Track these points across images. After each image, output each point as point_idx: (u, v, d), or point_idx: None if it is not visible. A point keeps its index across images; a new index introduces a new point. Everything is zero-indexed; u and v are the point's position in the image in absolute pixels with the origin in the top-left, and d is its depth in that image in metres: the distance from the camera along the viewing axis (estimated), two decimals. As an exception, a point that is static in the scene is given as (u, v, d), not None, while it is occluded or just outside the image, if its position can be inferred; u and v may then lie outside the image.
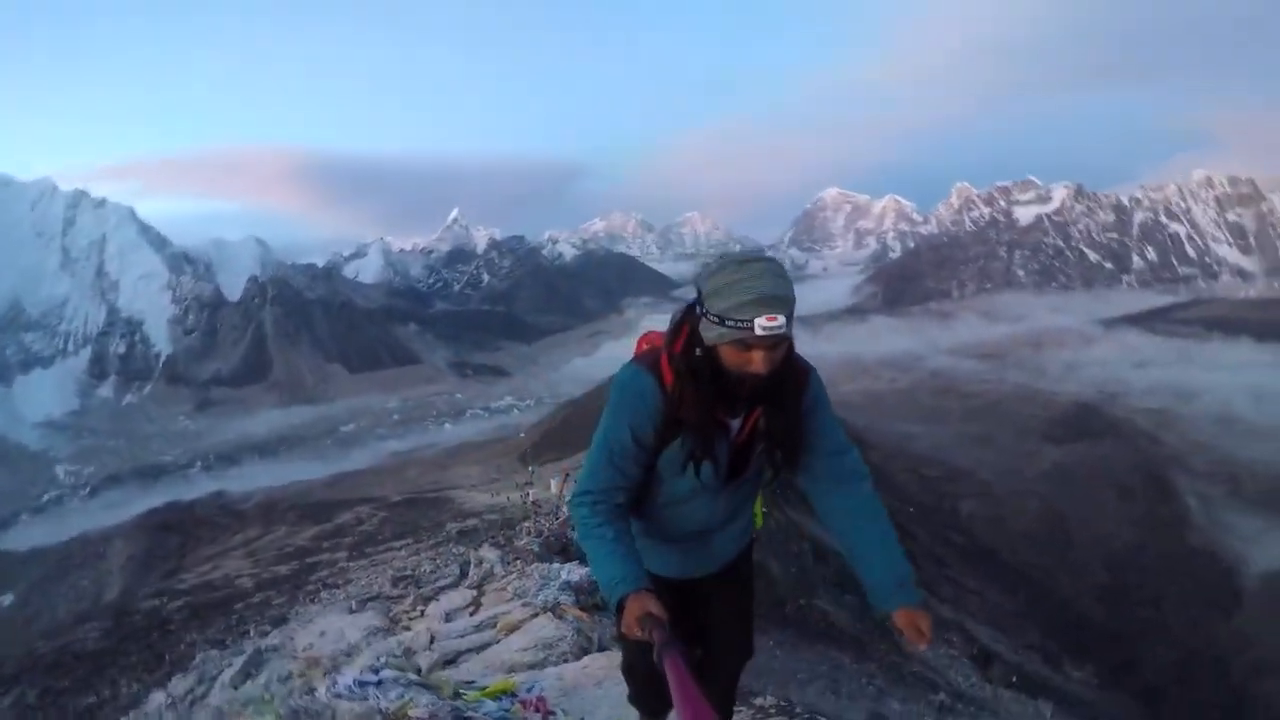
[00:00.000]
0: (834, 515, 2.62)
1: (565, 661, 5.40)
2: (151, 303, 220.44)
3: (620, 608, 2.25)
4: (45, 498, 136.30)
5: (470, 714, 3.98)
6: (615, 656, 5.18)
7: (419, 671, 4.77)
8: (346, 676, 4.30)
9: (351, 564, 30.54)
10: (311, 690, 4.46)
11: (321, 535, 42.35)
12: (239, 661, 9.92)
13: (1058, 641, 36.17)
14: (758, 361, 2.20)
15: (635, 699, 3.14)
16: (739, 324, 2.13)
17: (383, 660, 5.22)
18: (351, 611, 11.25)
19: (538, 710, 4.02)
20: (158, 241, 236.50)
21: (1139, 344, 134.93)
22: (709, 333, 2.23)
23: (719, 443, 2.43)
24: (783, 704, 5.25)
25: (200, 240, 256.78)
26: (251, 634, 15.14)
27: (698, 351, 2.30)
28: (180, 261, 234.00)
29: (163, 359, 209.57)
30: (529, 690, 4.27)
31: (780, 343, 2.20)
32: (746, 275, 2.15)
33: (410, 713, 3.73)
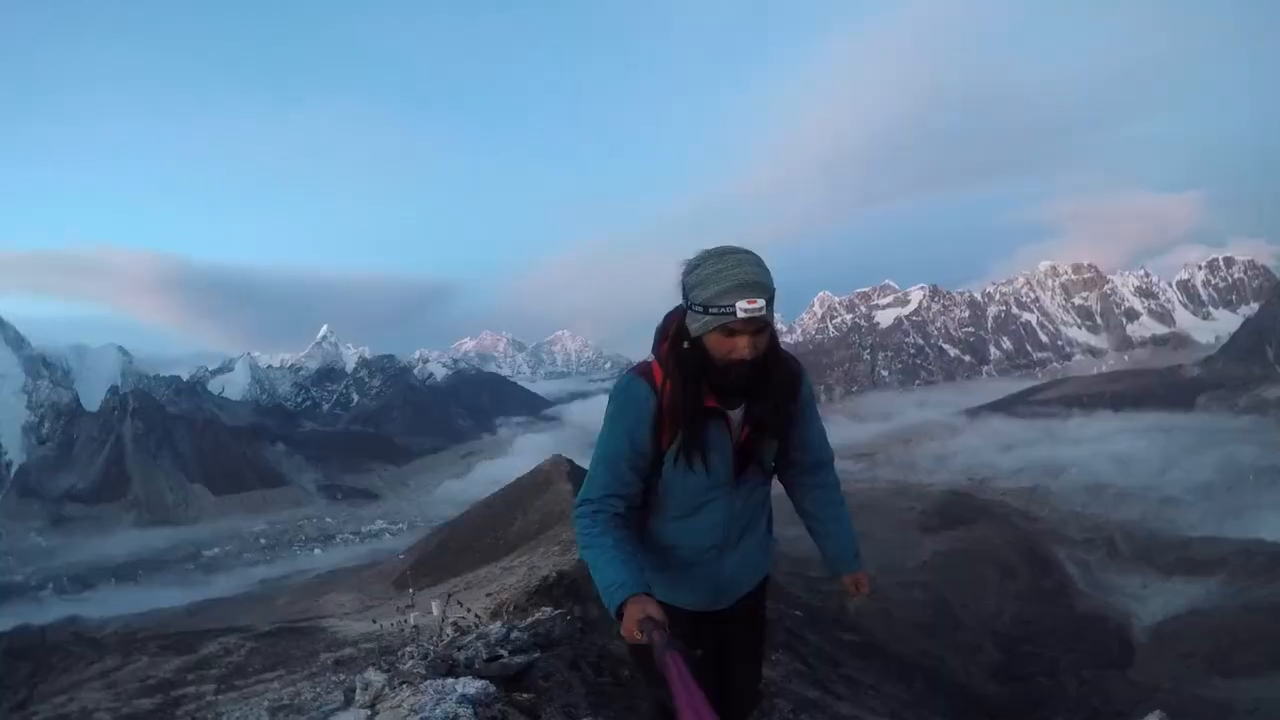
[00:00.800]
0: (804, 498, 2.98)
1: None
2: (4, 406, 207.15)
3: (620, 614, 2.28)
4: None
5: None
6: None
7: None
8: None
9: (221, 697, 28.48)
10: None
11: (186, 667, 39.29)
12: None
13: (959, 724, 36.27)
14: (742, 347, 2.32)
15: None
16: (722, 309, 2.26)
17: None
18: (227, 741, 10.37)
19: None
20: (15, 341, 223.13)
21: (1004, 428, 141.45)
22: (694, 324, 2.35)
23: (716, 431, 2.51)
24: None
25: (60, 344, 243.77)
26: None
27: (685, 345, 2.41)
28: (38, 365, 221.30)
29: (14, 469, 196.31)
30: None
31: (763, 328, 2.33)
32: (727, 264, 2.29)
33: None
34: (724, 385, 2.41)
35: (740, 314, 2.24)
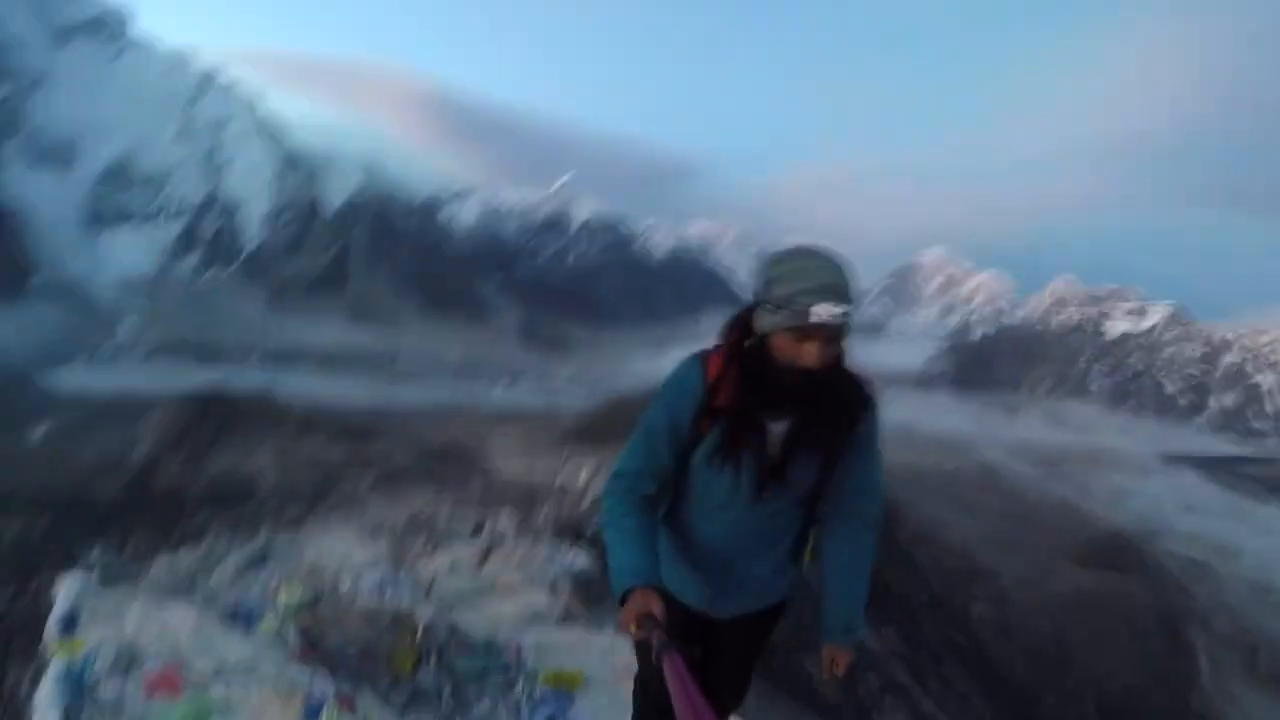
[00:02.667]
0: (829, 550, 2.65)
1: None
2: (253, 194, 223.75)
3: (625, 600, 2.24)
4: (101, 348, 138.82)
5: (464, 631, 4.29)
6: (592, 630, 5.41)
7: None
8: (374, 575, 4.57)
9: (373, 493, 31.05)
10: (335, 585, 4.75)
11: (351, 459, 42.90)
12: (248, 549, 10.36)
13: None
14: (810, 354, 2.19)
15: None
16: (796, 309, 2.15)
17: (401, 575, 5.47)
18: (363, 535, 11.60)
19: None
20: (272, 137, 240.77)
21: (1194, 488, 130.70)
22: (766, 320, 2.24)
23: (752, 439, 2.39)
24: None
25: (313, 145, 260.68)
26: (264, 530, 15.59)
27: (746, 343, 2.32)
28: (288, 162, 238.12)
29: (248, 250, 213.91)
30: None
31: (836, 337, 2.21)
32: (812, 264, 2.19)
33: (414, 617, 4.00)
34: (779, 391, 2.29)
35: (813, 317, 2.13)
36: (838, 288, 2.14)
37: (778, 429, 2.38)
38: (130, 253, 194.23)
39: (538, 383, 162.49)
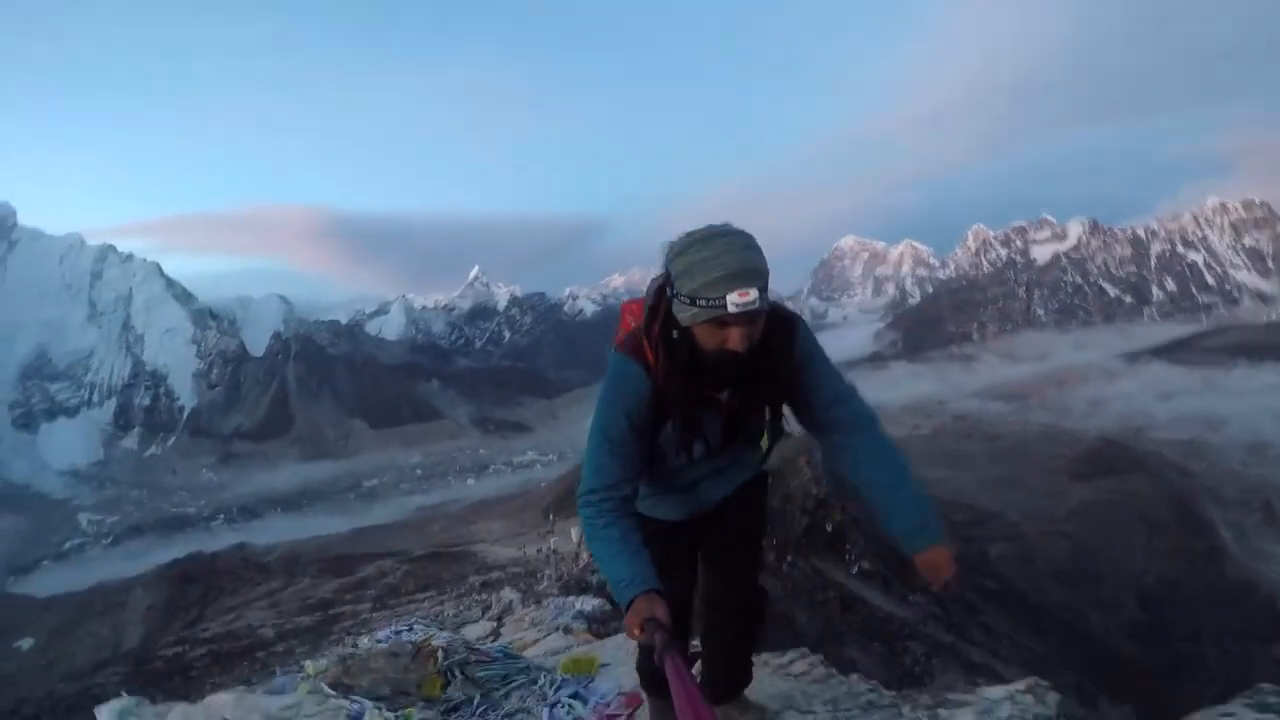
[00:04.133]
0: (847, 465, 2.54)
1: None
2: (176, 357, 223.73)
3: (628, 608, 2.26)
4: (67, 545, 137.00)
5: (481, 648, 4.52)
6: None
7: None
8: (386, 629, 5.14)
9: (374, 615, 30.54)
10: (354, 647, 5.18)
11: (344, 588, 42.35)
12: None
13: (1093, 681, 35.44)
14: (735, 339, 2.16)
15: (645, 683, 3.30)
16: (711, 302, 2.09)
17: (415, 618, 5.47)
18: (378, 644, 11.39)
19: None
20: (183, 297, 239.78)
21: (1163, 376, 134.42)
22: (682, 313, 2.19)
23: (709, 414, 2.44)
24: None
25: (225, 296, 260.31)
26: (278, 673, 15.29)
27: (674, 334, 2.27)
28: (205, 317, 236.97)
29: (186, 412, 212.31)
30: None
31: (756, 318, 2.16)
32: (715, 252, 2.11)
33: (433, 643, 4.25)
34: (717, 374, 2.29)
35: (732, 308, 2.08)
36: (745, 270, 2.09)
37: (723, 395, 2.44)
38: (71, 444, 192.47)
39: (505, 466, 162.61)
